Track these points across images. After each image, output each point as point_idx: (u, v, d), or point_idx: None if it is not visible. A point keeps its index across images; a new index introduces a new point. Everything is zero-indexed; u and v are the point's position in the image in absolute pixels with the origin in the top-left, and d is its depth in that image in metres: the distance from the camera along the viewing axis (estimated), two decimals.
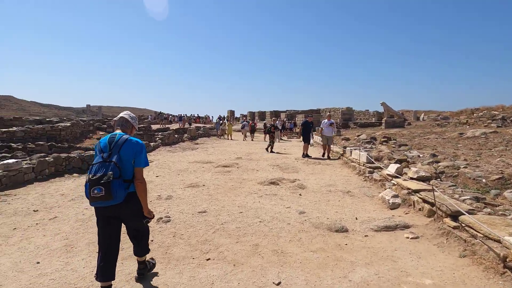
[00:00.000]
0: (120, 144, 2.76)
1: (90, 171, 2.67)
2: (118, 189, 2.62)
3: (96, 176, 2.60)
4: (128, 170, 2.76)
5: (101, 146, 2.80)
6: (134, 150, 2.79)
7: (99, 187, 2.57)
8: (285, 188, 7.21)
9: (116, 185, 2.61)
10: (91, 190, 2.61)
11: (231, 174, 9.08)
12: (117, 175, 2.63)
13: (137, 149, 2.81)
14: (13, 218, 5.23)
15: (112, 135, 2.87)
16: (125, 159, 2.74)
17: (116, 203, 2.67)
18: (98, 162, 2.68)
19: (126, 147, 2.77)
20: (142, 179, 2.81)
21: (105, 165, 2.64)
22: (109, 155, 2.70)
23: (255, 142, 21.40)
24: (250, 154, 13.97)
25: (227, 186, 7.47)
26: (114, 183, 2.59)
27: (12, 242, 4.27)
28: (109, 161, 2.65)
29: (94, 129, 21.97)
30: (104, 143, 2.80)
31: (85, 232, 4.56)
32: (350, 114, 33.20)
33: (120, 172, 2.65)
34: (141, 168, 2.82)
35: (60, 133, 17.54)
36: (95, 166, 2.67)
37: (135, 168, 2.80)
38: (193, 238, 4.29)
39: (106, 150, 2.75)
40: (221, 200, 6.20)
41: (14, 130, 15.63)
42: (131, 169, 2.78)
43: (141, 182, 2.80)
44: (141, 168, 2.82)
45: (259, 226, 4.72)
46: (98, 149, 2.80)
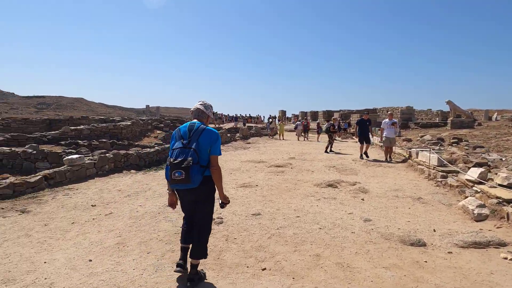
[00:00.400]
0: (199, 132, 2.92)
1: (171, 155, 2.87)
2: (196, 174, 2.77)
3: (177, 160, 2.78)
4: (204, 157, 2.90)
5: (181, 133, 2.99)
6: (211, 139, 2.93)
7: (180, 171, 2.74)
8: (345, 191, 6.60)
9: (195, 170, 2.76)
10: (172, 173, 2.79)
11: (285, 174, 8.66)
12: (196, 161, 2.79)
13: (214, 138, 2.95)
14: (72, 212, 5.33)
15: (191, 123, 3.03)
16: (202, 146, 2.88)
17: (193, 187, 2.81)
18: (178, 147, 2.87)
19: (204, 136, 2.92)
20: (217, 166, 2.94)
21: (185, 151, 2.82)
22: (189, 141, 2.88)
23: (308, 142, 20.73)
24: (303, 154, 13.42)
25: (281, 187, 7.06)
26: (193, 168, 2.76)
27: (69, 236, 4.28)
28: (189, 148, 2.83)
29: (152, 128, 22.93)
30: (184, 130, 2.98)
31: (138, 231, 4.44)
32: (410, 114, 30.95)
33: (198, 159, 2.81)
34: (216, 156, 2.95)
35: (121, 131, 18.50)
36: (176, 151, 2.86)
37: (210, 156, 2.93)
38: (247, 243, 3.95)
39: (186, 137, 2.93)
40: (275, 202, 5.80)
41: (82, 128, 16.76)
42: (206, 156, 2.92)
43: (217, 169, 2.92)
44: (217, 156, 2.96)
45: (319, 233, 4.23)
46: (178, 136, 2.99)
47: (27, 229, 4.52)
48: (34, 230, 4.48)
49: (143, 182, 7.68)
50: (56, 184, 7.12)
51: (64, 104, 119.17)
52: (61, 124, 19.33)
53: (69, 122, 20.04)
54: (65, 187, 7.08)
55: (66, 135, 15.48)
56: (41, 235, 4.32)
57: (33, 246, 3.96)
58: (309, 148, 16.32)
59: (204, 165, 2.90)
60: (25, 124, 19.18)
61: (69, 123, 19.53)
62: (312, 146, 17.63)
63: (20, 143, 13.04)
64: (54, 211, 5.38)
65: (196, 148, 2.84)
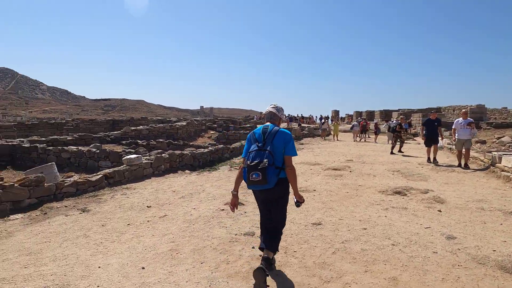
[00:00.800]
0: (273, 134, 3.01)
1: (248, 157, 2.97)
2: (272, 175, 2.85)
3: (253, 163, 2.87)
4: (279, 158, 2.97)
5: (255, 136, 3.08)
6: (284, 140, 3.00)
7: (257, 172, 2.83)
8: (416, 200, 5.84)
9: (271, 172, 2.84)
10: (250, 174, 2.88)
11: (343, 178, 8.03)
12: (271, 162, 2.86)
13: (287, 139, 3.02)
14: (129, 213, 5.32)
15: (265, 126, 3.12)
16: (277, 148, 2.96)
17: (269, 187, 2.89)
18: (254, 150, 2.96)
19: (278, 137, 3.00)
20: (292, 166, 3.00)
21: (261, 153, 2.90)
22: (264, 144, 2.97)
23: (365, 144, 19.56)
24: (361, 157, 12.56)
25: (341, 193, 6.48)
26: (269, 169, 2.83)
27: (124, 239, 4.19)
28: (264, 150, 2.91)
29: (206, 129, 23.38)
30: (259, 134, 3.07)
31: (191, 236, 4.23)
32: (481, 113, 27.90)
33: (273, 160, 2.88)
34: (290, 156, 3.01)
35: (177, 131, 19.06)
36: (252, 153, 2.94)
37: (285, 156, 3.00)
38: (308, 258, 3.51)
39: (261, 139, 3.02)
40: (337, 210, 5.27)
41: (141, 129, 17.54)
42: (281, 157, 2.99)
43: (291, 169, 2.99)
44: (291, 156, 3.02)
45: (393, 251, 3.65)
46: (253, 139, 3.08)
47: (86, 229, 4.55)
48: (92, 231, 4.49)
49: (197, 183, 7.59)
50: (115, 183, 7.30)
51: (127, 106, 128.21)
52: (123, 125, 20.47)
53: (130, 123, 21.16)
54: (123, 186, 7.22)
55: (127, 135, 16.27)
56: (98, 236, 4.30)
57: (90, 247, 3.93)
58: (367, 150, 15.31)
59: (279, 166, 2.97)
60: (91, 125, 20.62)
61: (130, 124, 20.61)
62: (370, 148, 16.54)
63: (87, 142, 13.92)
64: (112, 211, 5.42)
65: (271, 149, 2.92)
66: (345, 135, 25.36)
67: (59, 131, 19.39)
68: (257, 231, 4.33)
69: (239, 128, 23.61)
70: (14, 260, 3.59)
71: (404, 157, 12.57)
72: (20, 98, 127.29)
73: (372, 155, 13.11)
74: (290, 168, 2.99)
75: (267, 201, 3.17)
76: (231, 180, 7.84)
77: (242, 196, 6.20)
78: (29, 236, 4.29)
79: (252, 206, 5.51)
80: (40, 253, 3.77)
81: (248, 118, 43.61)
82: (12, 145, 11.59)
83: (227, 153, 12.20)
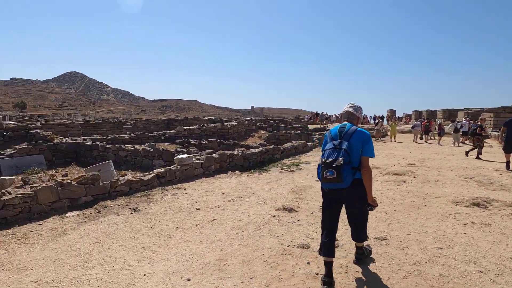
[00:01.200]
0: (350, 134, 2.95)
1: (323, 155, 2.95)
2: (347, 174, 2.79)
3: (328, 160, 2.84)
4: (356, 158, 2.91)
5: (332, 134, 3.06)
6: (362, 140, 2.93)
7: (331, 170, 2.79)
8: (501, 215, 4.96)
9: (346, 170, 2.78)
10: (324, 172, 2.85)
11: (407, 185, 7.24)
12: (347, 161, 2.80)
13: (366, 139, 2.94)
14: (178, 215, 5.19)
15: (342, 125, 3.08)
16: (354, 147, 2.89)
17: (343, 187, 2.85)
18: (330, 148, 2.93)
19: (355, 137, 2.93)
20: (368, 167, 2.94)
21: (336, 151, 2.87)
22: (340, 142, 2.92)
23: (426, 146, 17.97)
24: (425, 160, 11.42)
25: (406, 202, 5.77)
26: (344, 168, 2.78)
27: (172, 244, 4.02)
28: (340, 148, 2.87)
29: (256, 128, 23.28)
30: (335, 132, 3.04)
31: (240, 245, 3.92)
32: None
33: (349, 159, 2.83)
34: (368, 157, 2.94)
35: (228, 131, 19.15)
36: (327, 151, 2.93)
37: (362, 157, 2.93)
38: (374, 283, 3.00)
39: (337, 138, 2.98)
40: (403, 222, 4.64)
41: (193, 128, 17.88)
42: (358, 158, 2.92)
43: (368, 170, 2.93)
44: (368, 157, 2.95)
45: (482, 280, 2.99)
46: (329, 137, 3.06)
47: (135, 231, 4.47)
48: (140, 233, 4.39)
49: (247, 185, 7.32)
50: (166, 183, 7.30)
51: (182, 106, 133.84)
52: (176, 124, 21.11)
53: (183, 122, 21.76)
54: (174, 186, 7.19)
55: (180, 134, 16.66)
56: (146, 239, 4.18)
57: (137, 251, 3.80)
58: (431, 153, 13.96)
59: (355, 166, 2.89)
60: (148, 124, 21.56)
61: (183, 123, 21.19)
62: (433, 151, 15.10)
63: (143, 141, 14.46)
64: (161, 212, 5.33)
65: (347, 148, 2.85)
66: (403, 136, 23.63)
67: (119, 130, 20.54)
68: (312, 243, 3.91)
69: (289, 128, 23.15)
70: (64, 260, 3.57)
71: (475, 161, 11.20)
72: (88, 99, 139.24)
73: (438, 159, 11.88)
74: (367, 169, 2.91)
75: (338, 203, 3.09)
76: (282, 183, 7.46)
77: (294, 201, 5.79)
78: (81, 236, 4.31)
79: (305, 214, 5.08)
80: (90, 255, 3.72)
81: (298, 118, 42.88)
82: (76, 143, 12.37)
83: (278, 154, 11.84)
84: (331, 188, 2.95)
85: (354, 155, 2.89)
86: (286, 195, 6.34)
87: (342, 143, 2.89)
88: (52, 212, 5.15)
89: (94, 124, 21.47)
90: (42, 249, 3.87)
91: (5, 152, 10.77)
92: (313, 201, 5.81)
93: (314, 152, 13.73)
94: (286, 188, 6.91)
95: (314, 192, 6.48)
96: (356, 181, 2.90)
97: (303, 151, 13.53)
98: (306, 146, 14.21)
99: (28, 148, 11.11)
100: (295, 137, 18.00)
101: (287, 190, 6.76)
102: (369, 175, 2.91)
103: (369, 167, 2.94)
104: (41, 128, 15.01)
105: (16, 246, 3.96)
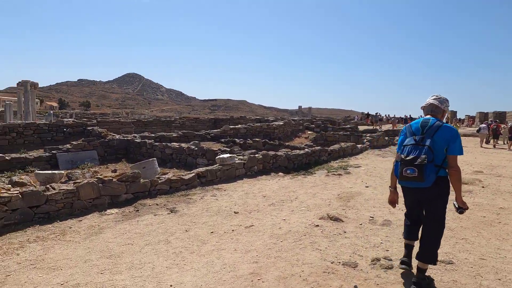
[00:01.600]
0: (434, 129, 2.74)
1: (402, 151, 2.78)
2: (430, 172, 2.62)
3: (409, 157, 2.68)
4: (439, 155, 2.71)
5: (412, 129, 2.86)
6: (449, 136, 2.72)
7: (412, 168, 2.63)
8: None
9: (429, 169, 2.61)
10: (403, 169, 2.70)
11: (474, 196, 6.30)
12: (430, 159, 2.63)
13: (453, 136, 2.72)
14: (214, 218, 4.92)
15: (425, 120, 2.86)
16: (438, 144, 2.70)
17: (425, 186, 2.66)
18: (410, 144, 2.75)
19: (440, 133, 2.72)
20: (456, 167, 2.74)
21: (418, 148, 2.69)
22: (422, 138, 2.73)
23: (494, 151, 16.05)
24: (494, 168, 10.08)
25: (475, 217, 4.95)
26: (427, 166, 2.61)
27: (204, 251, 3.74)
28: (422, 145, 2.69)
29: (303, 129, 22.63)
30: (416, 127, 2.84)
31: (277, 257, 3.52)
32: None
33: (433, 157, 2.65)
34: (455, 156, 2.74)
35: (273, 131, 18.79)
36: (407, 147, 2.75)
37: (448, 156, 2.74)
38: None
39: (418, 133, 2.79)
40: (473, 242, 3.91)
41: (239, 127, 17.78)
42: (442, 155, 2.73)
43: (456, 170, 2.73)
44: (456, 156, 2.75)
45: None
46: (409, 132, 2.86)
47: (169, 233, 4.27)
48: (174, 236, 4.18)
49: (289, 189, 6.89)
50: (207, 183, 7.12)
51: (231, 106, 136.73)
52: (223, 123, 21.23)
53: (229, 122, 21.84)
54: (215, 186, 6.98)
55: (226, 133, 16.64)
56: (179, 243, 3.95)
57: (168, 257, 3.57)
58: (501, 160, 12.36)
59: (438, 164, 2.69)
60: (195, 123, 21.96)
61: (230, 123, 21.25)
62: (503, 157, 13.39)
63: (189, 139, 14.61)
64: (198, 214, 5.11)
65: (431, 145, 2.66)
66: (465, 140, 21.45)
67: (168, 128, 21.16)
68: (361, 262, 3.40)
69: (338, 129, 22.17)
70: (94, 262, 3.44)
71: None
72: (144, 99, 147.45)
73: (509, 166, 10.44)
74: (455, 169, 2.71)
75: (418, 202, 2.92)
76: (328, 188, 6.91)
77: (341, 210, 5.26)
78: (116, 235, 4.20)
79: (353, 225, 4.53)
80: (120, 257, 3.56)
81: (348, 118, 41.28)
82: (127, 140, 12.82)
83: (325, 155, 11.21)
84: (410, 187, 2.80)
85: (438, 153, 2.68)
86: (331, 201, 5.81)
87: (424, 139, 2.69)
88: (93, 209, 5.16)
89: (146, 122, 22.35)
90: (76, 248, 3.81)
91: (63, 147, 11.44)
92: (363, 211, 5.22)
93: (364, 155, 12.85)
94: (332, 194, 6.36)
95: (363, 200, 5.86)
96: (439, 179, 2.69)
97: (352, 153, 12.74)
98: (356, 148, 13.36)
99: (83, 144, 11.71)
100: (344, 139, 17.13)
101: (333, 196, 6.21)
102: (458, 175, 2.71)
103: (457, 166, 2.73)
104: (97, 125, 15.87)
105: (52, 242, 3.95)
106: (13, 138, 13.29)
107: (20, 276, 3.13)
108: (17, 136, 13.39)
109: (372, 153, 13.43)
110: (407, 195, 2.99)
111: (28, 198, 4.52)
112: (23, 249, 3.74)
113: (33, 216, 4.57)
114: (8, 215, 4.34)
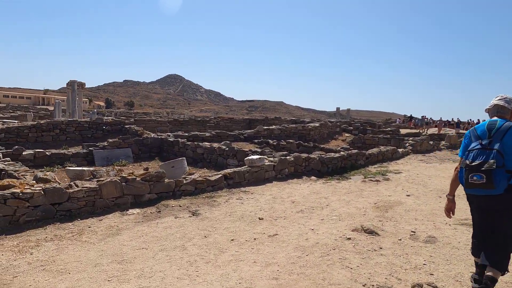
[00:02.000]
0: (503, 131, 2.52)
1: (467, 157, 2.60)
2: (501, 179, 2.40)
3: (475, 163, 2.50)
4: (511, 159, 2.44)
5: (478, 132, 2.68)
6: None
7: (479, 174, 2.45)
8: None
9: (499, 175, 2.40)
10: (469, 176, 2.52)
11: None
12: (500, 163, 2.42)
13: None
14: (237, 223, 4.61)
15: (491, 121, 2.67)
16: (508, 147, 2.46)
17: (495, 193, 2.45)
18: (476, 148, 2.58)
19: (510, 135, 2.48)
20: None
21: (485, 152, 2.50)
22: (490, 142, 2.53)
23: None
24: None
25: None
26: (497, 172, 2.40)
27: (221, 261, 3.43)
28: (490, 149, 2.49)
29: (340, 131, 21.79)
30: (482, 130, 2.66)
31: (301, 274, 3.12)
32: None
33: (503, 161, 2.42)
34: None
35: (309, 132, 18.21)
36: (473, 152, 2.57)
37: None
38: None
39: (485, 136, 2.61)
40: None
41: (273, 128, 17.43)
42: None
43: None
44: None
45: None
46: (474, 135, 2.69)
47: (187, 239, 4.01)
48: (191, 242, 3.92)
49: (321, 194, 6.41)
50: (234, 185, 6.84)
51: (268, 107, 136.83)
52: (257, 124, 20.98)
53: (264, 122, 21.56)
54: (242, 188, 6.68)
55: (259, 134, 16.35)
56: (195, 250, 3.67)
57: (181, 265, 3.30)
58: None
59: (510, 169, 2.44)
60: (230, 123, 21.93)
61: (264, 123, 20.95)
62: None
63: (222, 139, 14.49)
64: (221, 218, 4.82)
65: (500, 149, 2.46)
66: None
67: (203, 128, 21.30)
68: (398, 286, 2.89)
69: (377, 132, 21.06)
70: (104, 267, 3.25)
71: None
72: (184, 99, 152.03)
73: None
74: None
75: (487, 212, 2.63)
76: (364, 195, 6.34)
77: (377, 221, 4.73)
78: (132, 238, 4.02)
79: (390, 240, 3.99)
80: (131, 263, 3.35)
81: (389, 121, 39.37)
82: (160, 138, 12.96)
83: (362, 159, 10.52)
84: (478, 195, 2.56)
85: (510, 157, 2.43)
86: (367, 211, 5.26)
87: (493, 143, 2.48)
88: (115, 208, 5.06)
89: (182, 122, 22.69)
90: (89, 249, 3.66)
91: (100, 144, 11.77)
92: (403, 223, 4.64)
93: (405, 160, 11.94)
94: (369, 202, 5.80)
95: (404, 211, 5.25)
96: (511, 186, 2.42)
97: (393, 158, 11.90)
98: (397, 152, 12.47)
99: (118, 142, 11.96)
100: (384, 142, 16.16)
101: (369, 204, 5.65)
102: None
103: None
104: (134, 123, 16.28)
105: (68, 242, 3.84)
106: (57, 135, 13.95)
107: (27, 278, 3.01)
108: (60, 132, 14.04)
109: (414, 158, 12.46)
110: (474, 204, 2.70)
111: (50, 195, 4.49)
112: (38, 247, 3.66)
113: (55, 213, 4.53)
114: (30, 212, 4.32)
